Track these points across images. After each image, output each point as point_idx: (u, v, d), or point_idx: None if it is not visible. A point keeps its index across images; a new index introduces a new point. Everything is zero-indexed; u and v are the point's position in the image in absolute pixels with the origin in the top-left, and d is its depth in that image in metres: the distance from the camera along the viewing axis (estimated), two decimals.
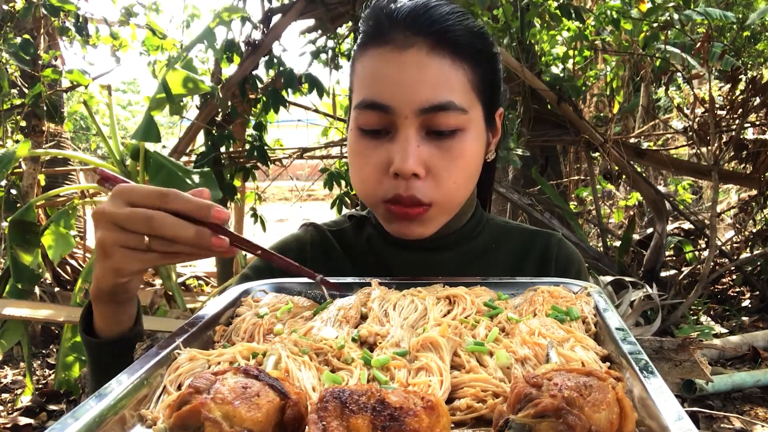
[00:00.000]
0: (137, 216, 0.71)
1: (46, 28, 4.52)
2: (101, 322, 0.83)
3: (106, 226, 0.73)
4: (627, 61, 5.55)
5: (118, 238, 0.73)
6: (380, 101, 0.89)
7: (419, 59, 0.88)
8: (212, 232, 0.73)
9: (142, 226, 0.71)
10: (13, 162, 3.16)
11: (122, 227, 0.72)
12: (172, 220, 0.71)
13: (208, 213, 0.72)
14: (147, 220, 0.71)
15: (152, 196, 0.72)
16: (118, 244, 0.73)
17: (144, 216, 0.71)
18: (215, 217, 0.72)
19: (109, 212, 0.72)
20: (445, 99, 0.88)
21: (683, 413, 0.48)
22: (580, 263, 1.11)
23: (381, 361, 0.64)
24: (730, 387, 3.18)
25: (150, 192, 0.72)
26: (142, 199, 0.72)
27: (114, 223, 0.72)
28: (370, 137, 0.93)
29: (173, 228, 0.71)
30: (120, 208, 0.72)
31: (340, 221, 1.16)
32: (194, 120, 3.94)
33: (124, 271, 0.75)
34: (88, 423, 0.51)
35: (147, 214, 0.71)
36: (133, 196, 0.73)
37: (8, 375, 3.80)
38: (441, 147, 0.91)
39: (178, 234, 0.71)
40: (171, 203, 0.72)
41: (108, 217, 0.72)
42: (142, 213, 0.71)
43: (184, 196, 0.73)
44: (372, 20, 0.94)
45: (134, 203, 0.72)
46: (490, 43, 0.97)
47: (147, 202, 0.72)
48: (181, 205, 0.72)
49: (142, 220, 0.71)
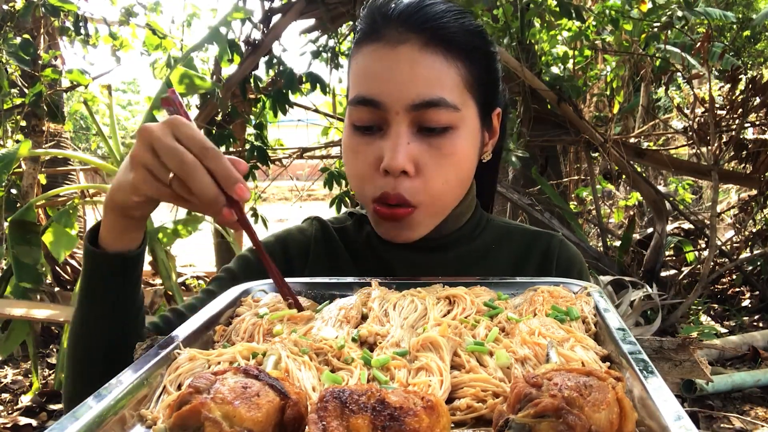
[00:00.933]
0: (174, 154, 0.73)
1: (46, 28, 4.52)
2: (107, 234, 0.85)
3: (145, 146, 0.74)
4: (627, 61, 5.55)
5: (148, 160, 0.74)
6: (372, 97, 0.90)
7: (411, 55, 0.89)
8: (227, 203, 0.75)
9: (173, 163, 0.73)
10: (14, 162, 3.16)
11: (157, 153, 0.74)
12: (201, 174, 0.73)
13: (231, 186, 0.74)
14: (180, 161, 0.72)
15: (196, 144, 0.74)
16: (145, 165, 0.74)
17: (180, 158, 0.72)
18: (236, 193, 0.74)
19: (154, 135, 0.74)
20: (436, 95, 0.88)
21: (683, 413, 0.48)
22: (581, 264, 1.11)
23: (381, 361, 0.64)
24: (730, 387, 3.18)
25: (197, 139, 0.74)
26: (188, 141, 0.74)
27: (152, 146, 0.74)
28: (362, 133, 0.93)
29: (197, 181, 0.72)
30: (165, 137, 0.73)
31: (342, 218, 1.16)
32: (194, 120, 3.93)
33: (139, 190, 0.77)
34: (88, 423, 0.51)
35: (182, 157, 0.72)
36: (181, 134, 0.74)
37: (8, 375, 3.80)
38: (432, 144, 0.90)
39: (198, 189, 0.73)
40: (207, 160, 0.73)
41: (151, 138, 0.74)
42: (179, 154, 0.72)
43: (221, 159, 0.74)
44: (367, 18, 0.94)
45: (179, 140, 0.74)
46: (486, 41, 0.97)
47: (190, 146, 0.73)
48: (214, 166, 0.73)
49: (176, 160, 0.72)
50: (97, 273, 0.86)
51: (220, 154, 0.74)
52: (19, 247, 3.11)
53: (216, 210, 0.75)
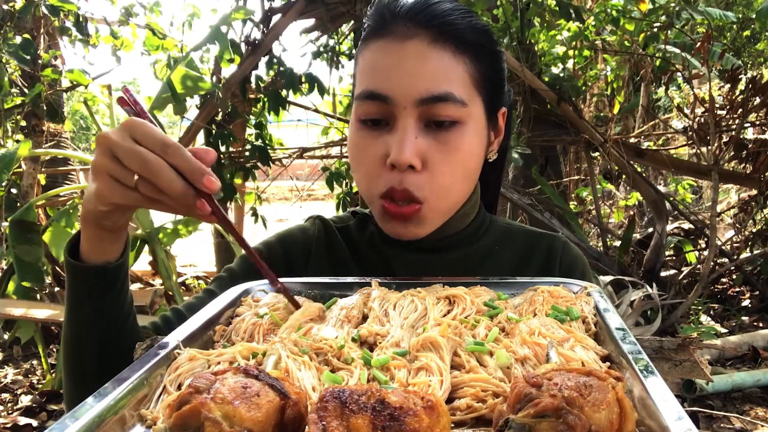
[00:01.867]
0: (134, 154, 0.71)
1: (46, 27, 4.52)
2: (86, 246, 0.83)
3: (104, 152, 0.73)
4: (627, 61, 5.55)
5: (109, 167, 0.73)
6: (380, 91, 0.89)
7: (420, 50, 0.89)
8: (197, 196, 0.73)
9: (136, 165, 0.71)
10: (14, 162, 3.16)
11: (118, 158, 0.72)
12: (165, 170, 0.71)
13: (199, 179, 0.72)
14: (142, 161, 0.71)
15: (156, 142, 0.72)
16: (108, 173, 0.73)
17: (141, 157, 0.71)
18: (205, 185, 0.72)
19: (111, 140, 0.72)
20: (444, 90, 0.88)
21: (683, 413, 0.48)
22: (584, 266, 1.11)
23: (381, 361, 0.64)
24: (730, 387, 3.18)
25: (156, 137, 0.72)
26: (147, 140, 0.72)
27: (112, 152, 0.72)
28: (369, 128, 0.93)
29: (163, 178, 0.71)
30: (123, 141, 0.72)
31: (344, 218, 1.16)
32: (194, 120, 3.94)
33: (106, 199, 0.75)
34: (88, 423, 0.51)
35: (144, 157, 0.71)
36: (139, 134, 0.72)
37: (8, 375, 3.80)
38: (439, 139, 0.90)
39: (165, 185, 0.71)
40: (170, 157, 0.71)
41: (109, 143, 0.72)
42: (139, 153, 0.71)
43: (184, 153, 0.72)
44: (375, 16, 0.95)
45: (138, 141, 0.72)
46: (493, 41, 0.98)
47: (150, 145, 0.71)
48: (178, 161, 0.71)
49: (138, 160, 0.71)
50: (79, 285, 0.84)
51: (182, 149, 0.73)
52: (21, 247, 3.11)
53: (187, 205, 0.73)
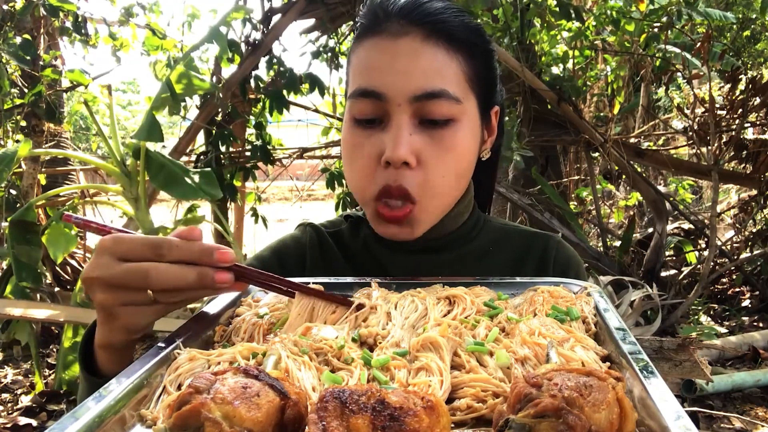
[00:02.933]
0: (134, 274, 0.67)
1: (46, 28, 4.52)
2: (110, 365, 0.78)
3: (102, 289, 0.69)
4: (627, 61, 5.55)
5: (119, 298, 0.69)
6: (373, 89, 0.89)
7: (413, 47, 0.89)
8: (214, 270, 0.70)
9: (141, 282, 0.67)
10: (14, 162, 3.16)
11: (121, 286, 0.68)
12: (171, 270, 0.67)
13: (212, 260, 0.69)
14: (144, 277, 0.67)
15: (145, 248, 0.68)
16: (122, 304, 0.69)
17: (141, 273, 0.67)
18: (220, 261, 0.69)
19: (101, 276, 0.68)
20: (438, 87, 0.88)
21: (683, 413, 0.48)
22: (579, 265, 1.10)
23: (381, 361, 0.64)
24: (730, 387, 3.18)
25: (141, 244, 0.68)
26: (134, 252, 0.68)
27: (109, 285, 0.68)
28: (363, 127, 0.92)
29: (174, 279, 0.68)
30: (112, 268, 0.67)
31: (336, 222, 1.15)
32: (194, 120, 3.94)
33: (136, 327, 0.72)
34: (88, 423, 0.51)
35: (143, 271, 0.67)
36: (123, 250, 0.68)
37: (8, 375, 3.80)
38: (433, 137, 0.90)
39: (180, 283, 0.68)
40: (168, 256, 0.67)
41: (101, 281, 0.68)
42: (137, 270, 0.67)
43: (181, 245, 0.68)
44: (368, 14, 0.94)
45: (126, 257, 0.68)
46: (485, 39, 0.97)
47: (139, 255, 0.68)
48: (180, 255, 0.68)
49: (140, 278, 0.67)
50: None
51: (175, 242, 0.69)
52: (20, 247, 3.11)
53: (209, 283, 0.69)
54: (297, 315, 0.77)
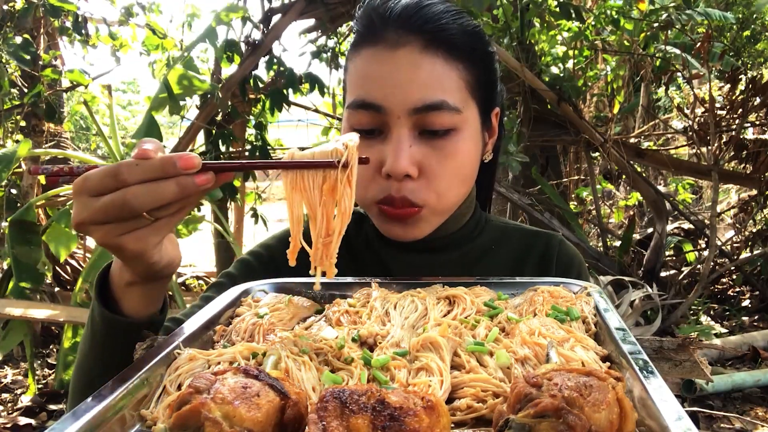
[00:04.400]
0: (113, 207, 0.65)
1: (46, 28, 4.52)
2: (135, 305, 0.78)
3: (95, 229, 0.67)
4: (627, 61, 5.55)
5: (115, 230, 0.67)
6: (372, 101, 0.89)
7: (412, 58, 0.88)
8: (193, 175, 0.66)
9: (124, 212, 0.65)
10: (14, 162, 3.16)
11: (108, 221, 0.66)
12: (148, 190, 0.64)
13: (176, 170, 0.65)
14: (124, 205, 0.64)
15: (107, 178, 0.65)
16: (121, 234, 0.67)
17: (119, 203, 0.64)
18: (184, 169, 0.65)
19: (87, 218, 0.66)
20: (437, 98, 0.87)
21: (683, 413, 0.48)
22: (581, 265, 1.10)
23: (381, 361, 0.64)
24: (730, 387, 3.18)
25: (104, 175, 0.65)
26: (101, 186, 0.65)
27: (102, 222, 0.67)
28: (362, 137, 0.91)
29: (154, 197, 0.65)
30: (92, 207, 0.65)
31: None
32: (194, 120, 3.94)
33: (146, 250, 0.70)
34: (88, 423, 0.51)
35: (120, 201, 0.64)
36: (92, 186, 0.66)
37: (8, 375, 3.80)
38: (434, 147, 0.90)
39: (163, 198, 0.65)
40: (130, 179, 0.64)
41: (89, 221, 0.66)
42: (113, 201, 0.64)
43: (141, 164, 0.65)
44: (364, 20, 0.93)
45: (98, 192, 0.66)
46: (485, 42, 0.97)
47: (106, 187, 0.65)
48: (143, 175, 0.64)
49: (121, 207, 0.64)
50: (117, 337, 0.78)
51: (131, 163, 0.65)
52: (20, 248, 3.11)
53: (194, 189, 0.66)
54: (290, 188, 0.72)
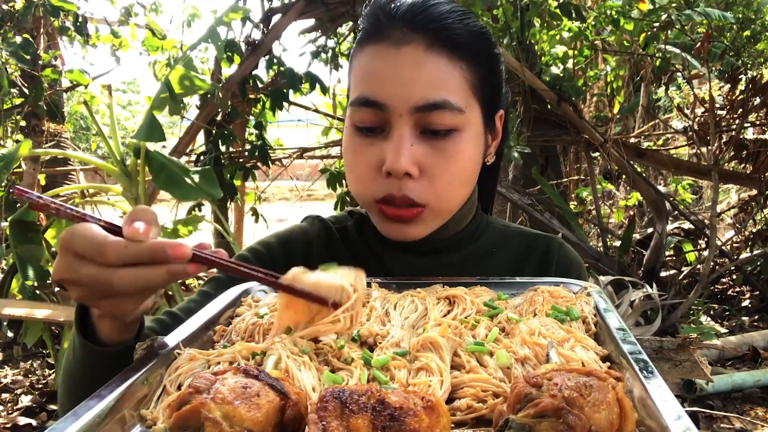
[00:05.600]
0: (99, 283, 0.62)
1: (46, 27, 4.52)
2: (109, 333, 0.75)
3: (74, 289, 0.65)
4: (627, 61, 5.55)
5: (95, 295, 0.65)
6: (375, 98, 0.88)
7: (416, 56, 0.88)
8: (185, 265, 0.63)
9: (108, 291, 0.62)
10: (14, 162, 3.16)
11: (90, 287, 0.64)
12: (137, 274, 0.61)
13: (165, 257, 0.62)
14: (109, 285, 0.61)
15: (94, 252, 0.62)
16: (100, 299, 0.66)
17: (105, 282, 0.62)
18: (174, 258, 0.62)
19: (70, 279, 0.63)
20: (440, 98, 0.87)
21: (683, 413, 0.48)
22: (580, 267, 1.10)
23: (381, 361, 0.64)
24: (730, 387, 3.18)
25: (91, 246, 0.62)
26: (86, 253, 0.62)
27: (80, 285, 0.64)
28: (364, 135, 0.92)
29: (143, 282, 0.62)
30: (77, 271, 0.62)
31: (341, 218, 1.15)
32: (194, 120, 3.94)
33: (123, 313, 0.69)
34: (88, 423, 0.51)
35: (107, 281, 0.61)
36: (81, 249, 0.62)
37: (8, 375, 3.80)
38: (436, 147, 0.89)
39: (151, 284, 0.63)
40: (115, 262, 0.61)
41: (71, 282, 0.64)
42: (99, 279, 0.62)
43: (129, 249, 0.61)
44: (370, 17, 0.93)
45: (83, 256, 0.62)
46: (491, 43, 0.96)
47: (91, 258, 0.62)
48: (130, 259, 0.61)
49: (106, 286, 0.62)
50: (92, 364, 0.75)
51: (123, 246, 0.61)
52: (22, 246, 3.11)
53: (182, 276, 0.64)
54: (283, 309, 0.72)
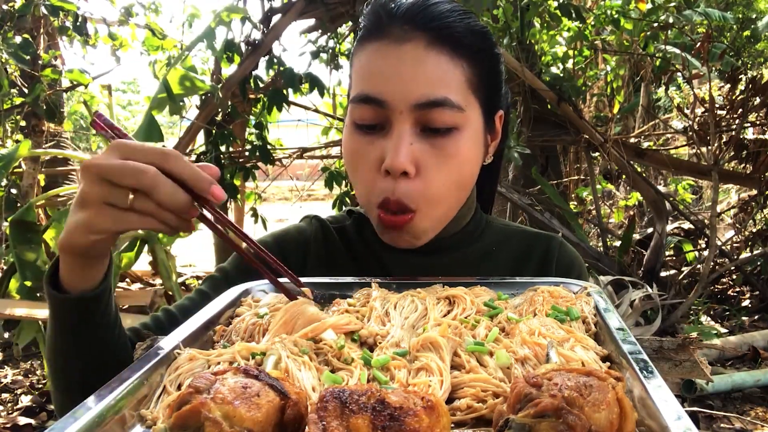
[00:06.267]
0: (128, 168, 0.65)
1: (45, 27, 4.52)
2: (68, 276, 0.77)
3: (92, 178, 0.67)
4: (627, 61, 5.55)
5: (101, 192, 0.66)
6: (375, 95, 0.88)
7: (416, 53, 0.88)
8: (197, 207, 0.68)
9: (130, 179, 0.65)
10: (13, 162, 3.16)
11: (110, 181, 0.66)
12: (168, 181, 0.65)
13: (206, 188, 0.67)
14: (137, 173, 0.64)
15: (152, 153, 0.66)
16: (101, 200, 0.67)
17: (135, 168, 0.65)
18: (213, 194, 0.67)
19: (98, 164, 0.66)
20: (441, 95, 0.87)
21: (683, 413, 0.48)
22: (581, 267, 1.10)
23: (381, 361, 0.64)
24: (730, 387, 3.18)
25: (150, 149, 0.66)
26: (140, 154, 0.66)
27: (102, 176, 0.66)
28: (364, 133, 0.92)
29: (165, 188, 0.65)
30: (112, 161, 0.66)
31: (340, 218, 1.15)
32: (194, 120, 3.94)
33: (98, 227, 0.69)
34: (88, 423, 0.51)
35: (138, 167, 0.65)
36: (130, 150, 0.66)
37: (8, 375, 3.80)
38: (435, 145, 0.89)
39: (166, 197, 0.65)
40: (171, 163, 0.66)
41: (97, 168, 0.66)
42: (133, 165, 0.65)
43: (185, 162, 0.67)
44: (371, 15, 0.93)
45: (130, 158, 0.66)
46: (491, 43, 0.96)
47: (145, 156, 0.66)
48: (181, 169, 0.66)
49: (132, 173, 0.64)
50: (61, 314, 0.79)
51: (182, 157, 0.68)
52: (21, 247, 3.11)
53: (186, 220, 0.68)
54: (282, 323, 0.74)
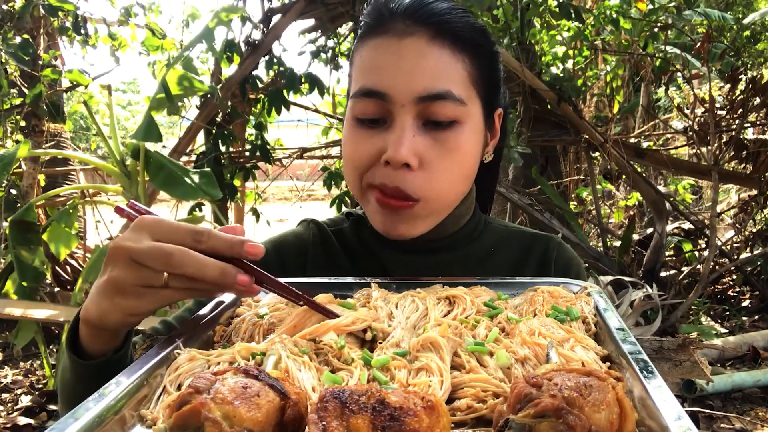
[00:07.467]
0: (157, 252, 0.66)
1: (45, 28, 4.52)
2: (91, 342, 0.76)
3: (123, 262, 0.67)
4: (627, 61, 5.55)
5: (135, 276, 0.67)
6: (377, 89, 0.88)
7: (418, 47, 0.88)
8: (238, 270, 0.68)
9: (161, 263, 0.66)
10: (14, 162, 3.16)
11: (140, 263, 0.66)
12: (196, 257, 0.66)
13: (240, 249, 0.67)
14: (166, 256, 0.65)
15: (182, 232, 0.67)
16: (135, 283, 0.67)
17: (164, 252, 0.65)
18: (248, 252, 0.67)
19: (127, 247, 0.66)
20: (443, 88, 0.87)
21: (683, 413, 0.48)
22: (579, 267, 1.10)
23: (381, 361, 0.64)
24: (730, 387, 3.18)
25: (179, 228, 0.67)
26: (170, 234, 0.67)
27: (132, 260, 0.66)
28: (366, 127, 0.91)
29: (196, 266, 0.66)
30: (142, 243, 0.66)
31: (338, 220, 1.15)
32: (194, 120, 3.94)
33: (137, 311, 0.70)
34: (88, 423, 0.51)
35: (167, 251, 0.65)
36: (158, 231, 0.67)
37: (8, 375, 3.80)
38: (437, 139, 0.89)
39: (202, 273, 0.66)
40: (206, 243, 0.67)
41: (126, 252, 0.66)
42: (163, 249, 0.66)
43: (215, 234, 0.67)
44: (373, 12, 0.94)
45: (159, 239, 0.67)
46: (490, 41, 0.97)
47: (175, 238, 0.67)
48: (213, 243, 0.67)
49: (162, 257, 0.65)
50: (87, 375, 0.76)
51: (213, 231, 0.68)
52: (20, 247, 3.11)
53: (230, 282, 0.67)
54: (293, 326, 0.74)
